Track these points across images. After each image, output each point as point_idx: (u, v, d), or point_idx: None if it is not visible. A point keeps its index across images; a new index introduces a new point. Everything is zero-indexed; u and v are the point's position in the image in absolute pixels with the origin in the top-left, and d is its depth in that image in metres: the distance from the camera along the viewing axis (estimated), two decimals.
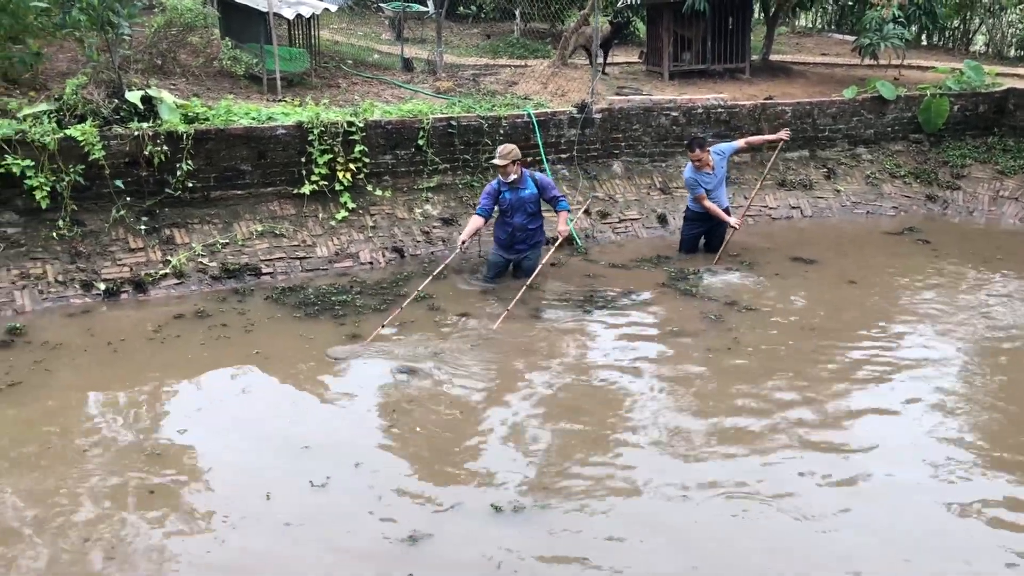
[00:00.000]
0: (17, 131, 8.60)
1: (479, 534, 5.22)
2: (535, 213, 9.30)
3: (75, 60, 12.47)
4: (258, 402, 6.83)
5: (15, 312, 8.25)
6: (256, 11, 12.66)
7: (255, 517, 5.35)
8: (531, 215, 9.27)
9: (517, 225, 9.24)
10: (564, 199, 9.44)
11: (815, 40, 21.25)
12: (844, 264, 10.13)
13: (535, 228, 9.35)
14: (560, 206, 9.30)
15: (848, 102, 13.00)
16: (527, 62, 16.00)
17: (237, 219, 9.62)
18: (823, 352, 7.75)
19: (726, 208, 10.37)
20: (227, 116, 9.73)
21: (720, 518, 5.41)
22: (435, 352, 7.57)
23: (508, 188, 9.17)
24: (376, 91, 13.20)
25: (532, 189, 9.21)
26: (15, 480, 5.66)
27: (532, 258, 9.39)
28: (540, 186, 9.24)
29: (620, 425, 6.49)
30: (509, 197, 9.19)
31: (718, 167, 10.21)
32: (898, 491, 5.68)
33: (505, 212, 9.28)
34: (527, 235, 9.29)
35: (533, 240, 9.34)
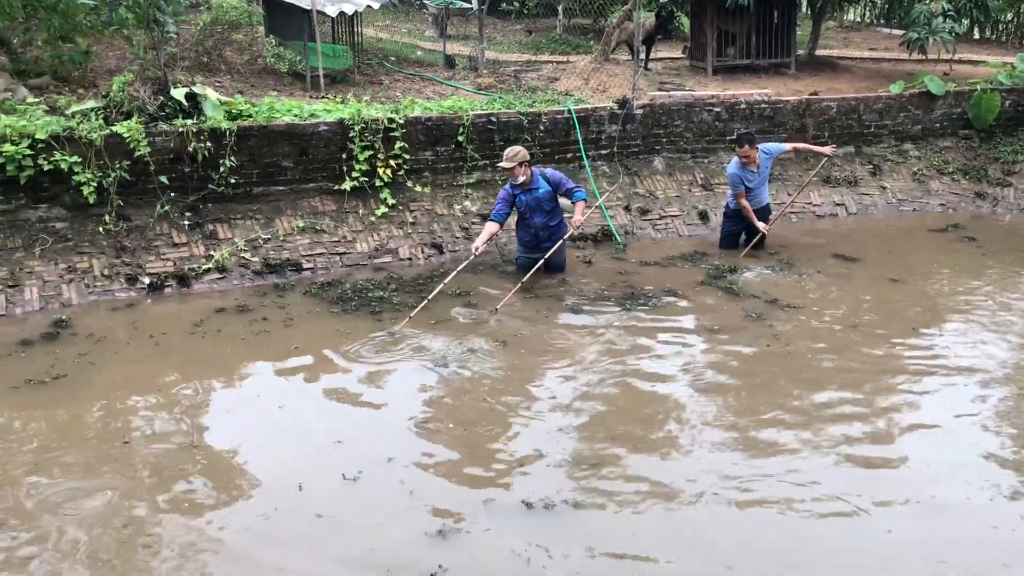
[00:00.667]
0: (65, 128, 8.77)
1: (509, 530, 5.23)
2: (553, 210, 9.26)
3: (123, 58, 12.71)
4: (295, 396, 6.90)
5: (62, 305, 8.42)
6: (300, 9, 12.78)
7: (288, 509, 5.41)
8: (549, 212, 9.23)
9: (538, 225, 9.22)
10: (580, 189, 9.33)
11: (863, 35, 20.96)
12: (887, 262, 9.97)
13: (556, 224, 9.31)
14: (576, 196, 9.20)
15: (895, 97, 12.79)
16: (569, 58, 15.97)
17: (279, 215, 9.72)
18: (864, 353, 7.63)
19: (767, 205, 10.30)
20: (270, 113, 9.84)
21: (754, 520, 5.36)
22: (470, 348, 7.60)
23: (522, 190, 9.14)
24: (418, 88, 13.27)
25: (545, 187, 9.16)
26: (57, 471, 5.78)
27: (559, 253, 9.38)
28: (553, 183, 9.18)
29: (655, 424, 6.46)
30: (525, 199, 9.17)
31: (763, 165, 10.12)
32: (939, 503, 5.56)
33: (524, 214, 9.26)
34: (550, 233, 9.25)
35: (557, 236, 9.28)
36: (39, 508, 5.38)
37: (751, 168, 10.00)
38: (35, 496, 5.49)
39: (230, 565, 4.93)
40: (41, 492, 5.54)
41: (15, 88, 10.44)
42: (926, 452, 6.09)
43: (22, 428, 6.33)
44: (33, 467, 5.80)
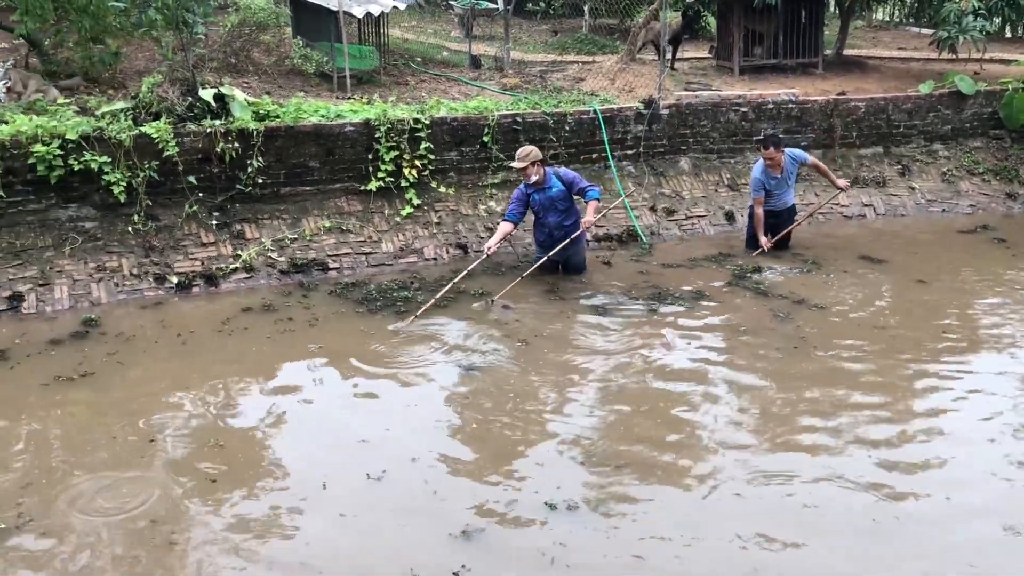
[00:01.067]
0: (95, 128, 8.87)
1: (533, 530, 5.22)
2: (567, 210, 9.20)
3: (152, 59, 12.83)
4: (319, 395, 6.93)
5: (91, 304, 8.51)
6: (327, 10, 12.85)
7: (312, 507, 5.43)
8: (564, 212, 9.18)
9: (552, 224, 9.18)
10: (594, 188, 9.22)
11: (891, 34, 20.80)
12: (915, 264, 9.89)
13: (571, 224, 9.22)
14: (589, 196, 9.12)
15: (924, 97, 12.68)
16: (595, 58, 15.96)
17: (305, 215, 9.78)
18: (892, 355, 7.56)
19: (792, 207, 10.24)
20: (297, 114, 9.90)
21: (778, 523, 5.32)
22: (493, 348, 7.61)
23: (535, 190, 9.12)
24: (443, 88, 13.30)
25: (559, 187, 9.10)
26: (85, 468, 5.84)
27: (578, 254, 9.35)
28: (566, 182, 9.13)
29: (681, 425, 6.43)
30: (539, 198, 9.14)
31: (789, 170, 10.03)
32: (957, 511, 5.49)
33: (538, 214, 9.25)
34: (564, 232, 9.16)
35: (575, 233, 9.18)
36: (67, 505, 5.43)
37: (775, 173, 9.92)
38: (63, 493, 5.54)
39: (254, 563, 4.96)
40: (69, 489, 5.59)
41: (46, 89, 10.57)
42: (956, 456, 6.01)
43: (51, 425, 6.40)
44: (61, 464, 5.86)
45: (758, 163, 10.11)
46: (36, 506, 5.39)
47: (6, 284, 8.39)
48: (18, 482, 5.64)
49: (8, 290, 8.35)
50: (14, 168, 8.63)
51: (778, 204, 10.11)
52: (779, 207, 10.12)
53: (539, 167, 9.07)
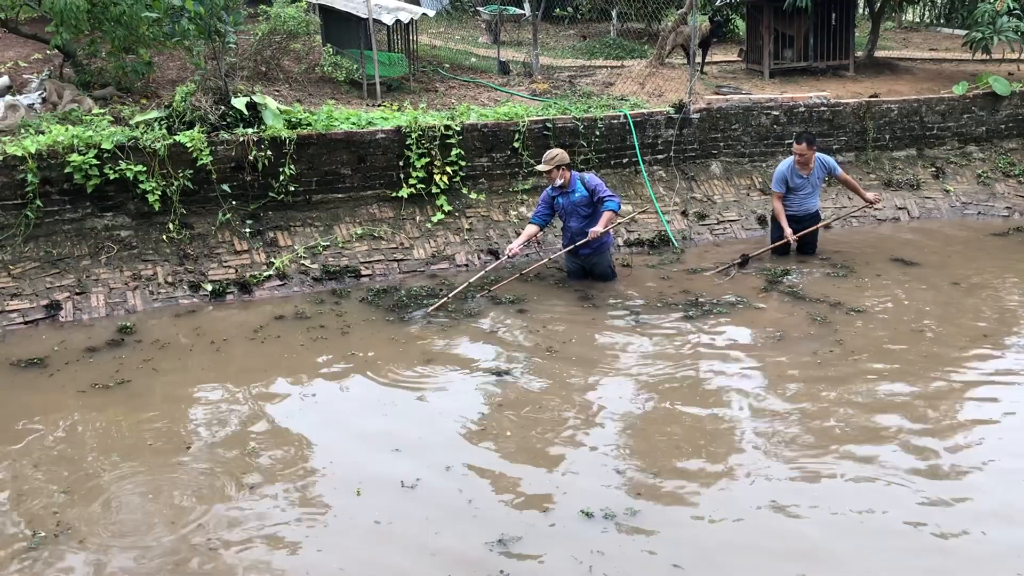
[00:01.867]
0: (130, 138, 8.95)
1: (570, 539, 5.19)
2: (591, 215, 9.09)
3: (183, 68, 12.93)
4: (352, 404, 6.93)
5: (127, 312, 8.58)
6: (356, 18, 12.90)
7: (347, 516, 5.43)
8: (587, 218, 9.08)
9: (575, 230, 9.13)
10: (613, 199, 9.05)
11: (923, 35, 20.62)
12: (949, 266, 9.81)
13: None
14: (605, 206, 8.99)
15: (958, 99, 12.56)
16: (623, 63, 15.93)
17: (337, 222, 9.82)
18: (931, 358, 7.48)
19: (816, 213, 10.07)
20: (328, 121, 9.94)
21: (819, 530, 5.27)
22: (526, 356, 7.59)
23: (560, 193, 9.09)
24: (473, 94, 13.31)
25: (582, 192, 9.04)
26: (121, 475, 5.87)
27: (602, 263, 9.26)
28: (589, 188, 9.05)
29: (718, 432, 6.38)
30: (562, 202, 9.12)
31: (816, 174, 9.90)
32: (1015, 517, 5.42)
33: (562, 217, 9.26)
34: (586, 238, 9.06)
35: (595, 243, 9.07)
36: (105, 513, 5.46)
37: (802, 172, 9.81)
38: (101, 501, 5.58)
39: (291, 571, 4.96)
40: (106, 497, 5.63)
41: (81, 99, 10.68)
42: (1000, 463, 5.93)
43: (89, 433, 6.45)
44: (99, 472, 5.91)
45: (786, 159, 10.01)
46: (74, 515, 5.42)
47: (44, 292, 8.48)
48: (57, 491, 5.68)
49: (46, 298, 8.44)
50: (51, 178, 8.73)
51: (800, 209, 9.94)
52: (802, 212, 9.96)
53: (564, 171, 9.04)
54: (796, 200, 9.94)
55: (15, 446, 6.26)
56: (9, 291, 8.40)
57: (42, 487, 5.73)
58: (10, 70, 12.55)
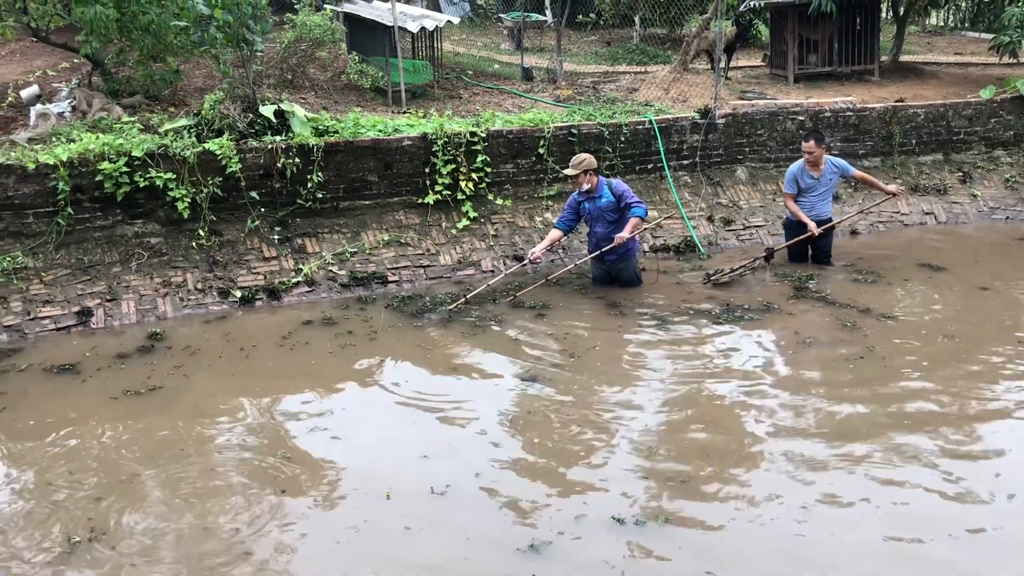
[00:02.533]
0: (160, 145, 9.04)
1: (601, 544, 5.18)
2: (617, 221, 9.05)
3: (210, 76, 13.04)
4: (380, 410, 6.92)
5: (158, 318, 8.65)
6: (381, 25, 12.98)
7: (377, 522, 5.44)
8: (613, 223, 9.05)
9: (600, 235, 9.11)
10: (639, 205, 9.01)
11: (947, 39, 20.50)
12: (976, 271, 9.75)
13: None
14: (633, 212, 8.95)
15: (985, 103, 12.48)
16: (647, 68, 15.93)
17: (364, 228, 9.86)
18: (962, 364, 7.43)
19: (828, 219, 9.85)
20: (355, 129, 10.00)
21: (849, 534, 5.24)
22: (553, 363, 7.59)
23: (586, 198, 9.08)
24: (497, 101, 13.34)
25: (609, 197, 9.02)
26: (152, 481, 5.92)
27: (628, 269, 9.23)
28: (616, 194, 9.02)
29: (748, 438, 6.36)
30: (588, 207, 9.10)
31: (828, 177, 9.73)
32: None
33: (587, 223, 9.25)
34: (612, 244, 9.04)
35: (620, 249, 9.05)
36: (138, 519, 5.51)
37: (812, 172, 9.68)
38: (133, 504, 5.63)
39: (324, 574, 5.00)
40: (139, 503, 5.68)
41: (110, 107, 10.78)
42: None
43: (121, 438, 6.49)
44: (131, 478, 5.95)
45: (797, 161, 9.91)
46: (108, 520, 5.47)
47: (75, 299, 8.56)
48: (90, 496, 5.73)
49: (77, 305, 8.52)
50: (82, 185, 8.82)
51: (811, 214, 9.73)
52: (812, 217, 9.73)
53: (592, 176, 9.03)
54: (807, 203, 9.75)
55: (49, 452, 6.32)
56: (41, 298, 8.49)
57: (76, 493, 5.78)
58: (39, 79, 12.69)
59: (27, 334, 8.26)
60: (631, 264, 9.28)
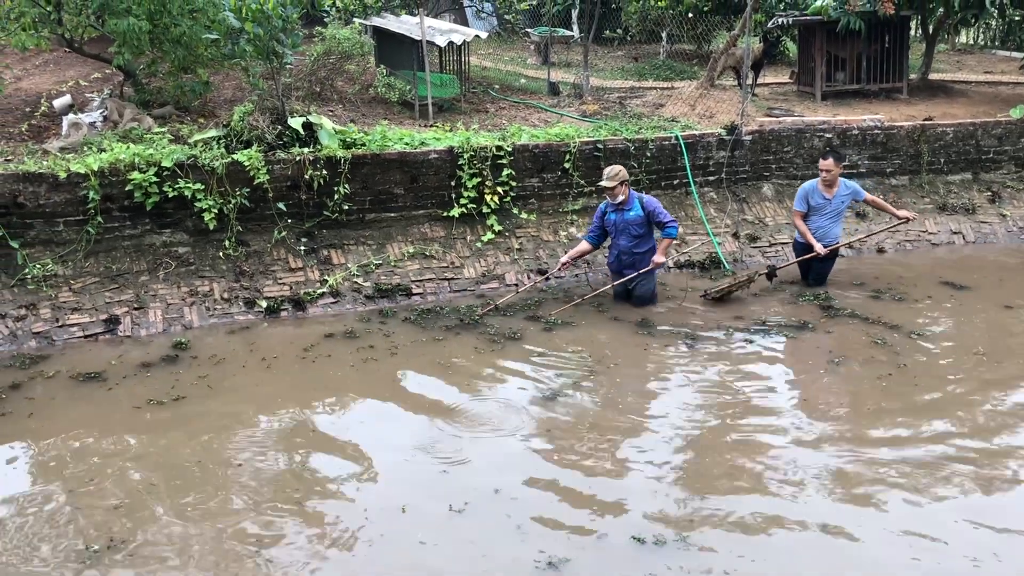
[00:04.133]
0: (189, 156, 9.12)
1: (621, 563, 5.17)
2: (642, 236, 9.04)
3: (239, 88, 13.17)
4: (400, 425, 6.92)
5: (184, 327, 8.72)
6: (409, 39, 13.05)
7: (392, 535, 5.46)
8: (637, 238, 9.03)
9: (623, 248, 9.07)
10: (673, 225, 9.02)
11: (976, 58, 20.36)
12: (1001, 291, 9.71)
13: (643, 252, 9.06)
14: (667, 232, 8.98)
15: (1016, 122, 12.37)
16: (674, 84, 15.92)
17: (390, 240, 9.90)
18: (991, 385, 7.37)
19: (834, 241, 9.69)
20: (382, 141, 10.05)
21: (873, 553, 5.20)
22: (576, 380, 7.57)
23: (615, 209, 9.04)
24: (523, 115, 13.38)
25: (638, 211, 8.98)
26: (173, 490, 5.96)
27: (646, 285, 9.16)
28: (648, 209, 8.99)
29: (772, 457, 6.32)
30: (614, 218, 9.05)
31: (840, 199, 9.60)
32: None
33: (611, 234, 9.19)
34: (634, 259, 9.05)
35: (642, 265, 9.04)
36: (155, 526, 5.56)
37: (825, 192, 9.56)
38: (152, 514, 5.68)
39: None
40: (157, 511, 5.72)
41: (141, 118, 10.90)
42: None
43: (142, 448, 6.54)
44: (150, 487, 5.99)
45: (810, 180, 9.81)
46: (127, 530, 5.51)
47: (103, 307, 8.65)
48: (110, 505, 5.78)
49: (105, 313, 8.61)
50: (112, 195, 8.92)
51: (818, 234, 9.59)
52: (819, 239, 9.58)
53: (625, 187, 9.03)
54: (816, 224, 9.61)
55: (72, 460, 6.39)
56: (70, 305, 8.58)
57: (96, 502, 5.84)
58: (72, 89, 12.87)
59: (55, 341, 8.35)
60: (651, 281, 9.24)
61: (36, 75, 14.27)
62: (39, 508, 5.78)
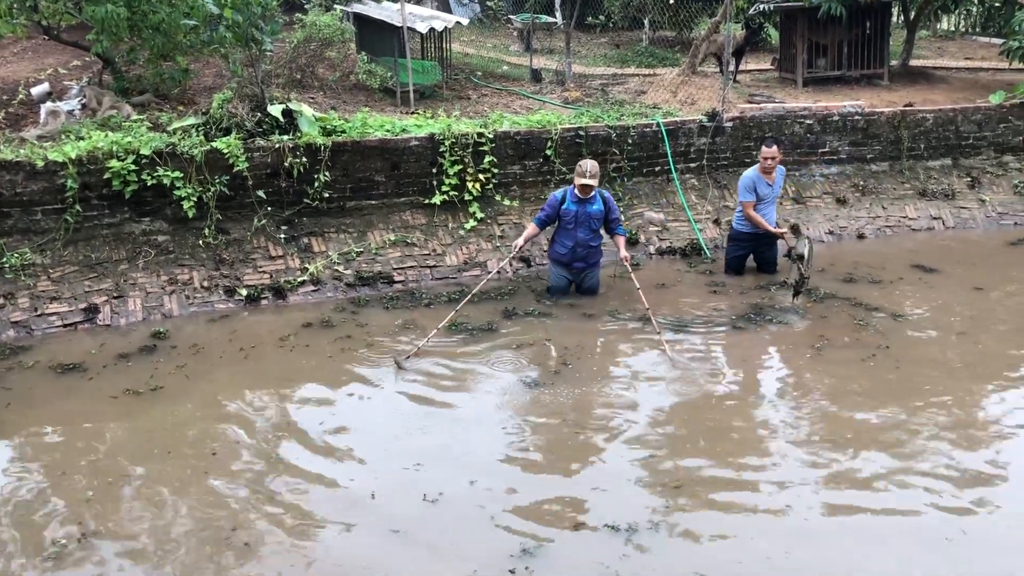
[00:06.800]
0: (168, 144, 9.06)
1: (594, 551, 5.18)
2: (597, 230, 9.02)
3: (219, 75, 13.07)
4: (376, 416, 6.89)
5: (164, 316, 8.68)
6: (390, 26, 13.00)
7: (365, 526, 5.46)
8: (594, 232, 8.99)
9: (580, 240, 8.92)
10: (622, 223, 9.21)
11: (957, 44, 20.43)
12: (975, 273, 9.89)
13: (596, 246, 9.06)
14: (620, 231, 9.06)
15: (995, 108, 12.43)
16: (656, 71, 15.90)
17: (371, 228, 9.88)
18: (977, 366, 7.50)
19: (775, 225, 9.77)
20: (363, 128, 10.01)
21: (843, 543, 5.25)
22: (550, 369, 7.55)
23: (577, 201, 8.86)
24: (505, 102, 13.35)
25: (600, 205, 8.90)
26: (149, 480, 5.94)
27: (594, 277, 9.18)
28: (608, 206, 8.96)
29: (748, 443, 6.36)
30: (575, 209, 8.85)
31: (779, 183, 9.71)
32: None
33: (568, 225, 8.94)
34: (588, 252, 9.00)
35: (593, 259, 9.07)
36: (129, 518, 5.54)
37: (767, 179, 9.58)
38: (125, 506, 5.66)
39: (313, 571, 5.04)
40: (131, 502, 5.70)
41: (120, 106, 10.81)
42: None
43: (118, 439, 6.50)
44: (125, 478, 5.96)
45: (749, 169, 9.78)
46: (99, 522, 5.48)
47: (82, 296, 8.60)
48: (83, 499, 5.73)
49: (84, 302, 8.56)
50: (90, 183, 8.85)
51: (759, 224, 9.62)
52: (760, 229, 9.63)
53: None
54: (761, 212, 9.61)
55: (47, 451, 6.37)
56: (49, 294, 8.53)
57: (71, 492, 5.80)
58: (50, 76, 12.74)
59: (34, 331, 8.30)
60: (598, 271, 9.23)
61: (13, 63, 14.12)
62: (13, 499, 5.74)
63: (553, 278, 9.23)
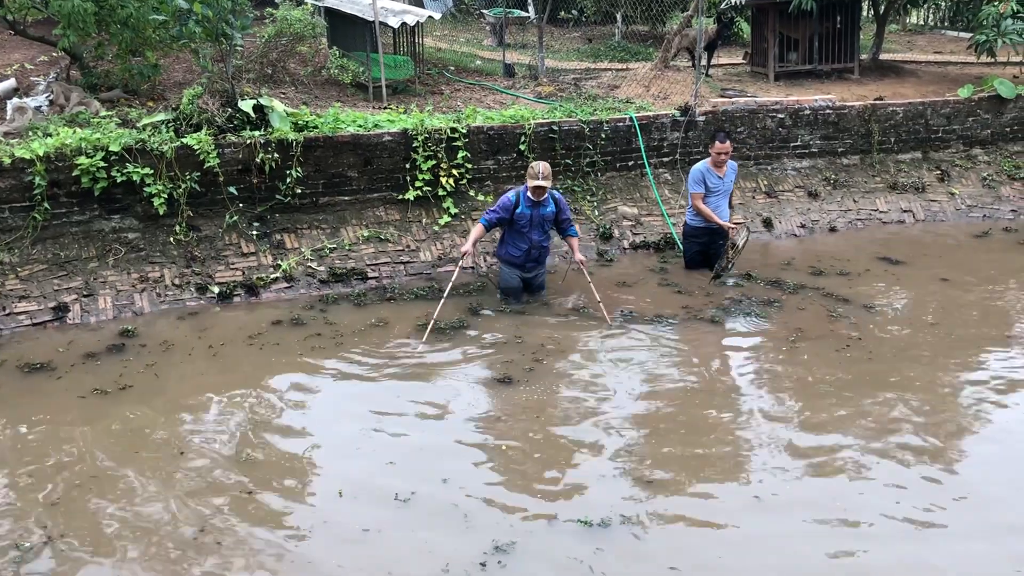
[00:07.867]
0: (137, 140, 8.96)
1: (568, 547, 5.20)
2: (548, 232, 8.99)
3: (189, 70, 12.96)
4: (347, 415, 6.86)
5: (135, 314, 8.60)
6: (362, 20, 12.93)
7: (336, 525, 5.45)
8: (546, 233, 8.95)
9: (534, 242, 8.83)
10: (575, 225, 9.18)
11: (927, 38, 20.61)
12: (938, 265, 10.05)
13: (547, 246, 9.08)
14: (572, 231, 9.02)
15: (963, 102, 12.55)
16: (628, 65, 15.92)
17: (344, 224, 9.83)
18: (948, 352, 7.64)
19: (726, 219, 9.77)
20: (335, 124, 9.95)
21: (813, 538, 5.30)
22: (525, 367, 7.52)
23: (530, 204, 8.72)
24: (478, 97, 13.32)
25: (552, 207, 8.82)
26: (116, 480, 5.90)
27: (543, 275, 9.18)
28: (559, 206, 8.90)
29: (722, 436, 6.41)
30: (529, 212, 8.71)
31: (730, 178, 9.73)
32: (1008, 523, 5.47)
33: (523, 228, 8.77)
34: (541, 253, 8.96)
35: (544, 257, 9.08)
36: (94, 520, 5.49)
37: (717, 172, 9.60)
38: (90, 508, 5.61)
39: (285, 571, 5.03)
40: (96, 504, 5.65)
41: (88, 102, 10.70)
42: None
43: (84, 440, 6.43)
44: (91, 479, 5.91)
45: (700, 162, 9.77)
46: (63, 524, 5.43)
47: (51, 295, 8.50)
48: (47, 502, 5.67)
49: (53, 300, 8.46)
50: (59, 180, 8.75)
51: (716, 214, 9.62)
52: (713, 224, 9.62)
53: None
54: (711, 204, 9.62)
55: (12, 453, 6.29)
56: (17, 293, 8.43)
57: (34, 496, 5.73)
58: (17, 72, 12.59)
59: (2, 330, 8.20)
60: (545, 270, 9.23)
61: None
62: None
63: (505, 278, 9.05)
